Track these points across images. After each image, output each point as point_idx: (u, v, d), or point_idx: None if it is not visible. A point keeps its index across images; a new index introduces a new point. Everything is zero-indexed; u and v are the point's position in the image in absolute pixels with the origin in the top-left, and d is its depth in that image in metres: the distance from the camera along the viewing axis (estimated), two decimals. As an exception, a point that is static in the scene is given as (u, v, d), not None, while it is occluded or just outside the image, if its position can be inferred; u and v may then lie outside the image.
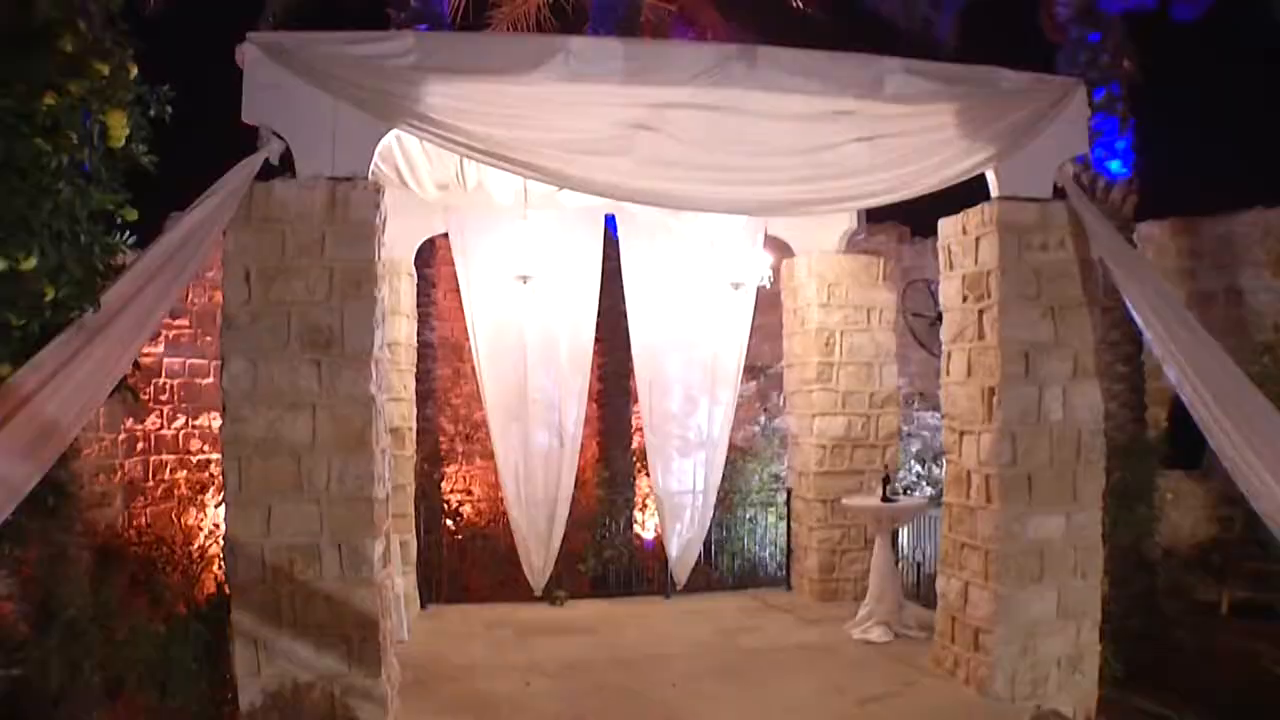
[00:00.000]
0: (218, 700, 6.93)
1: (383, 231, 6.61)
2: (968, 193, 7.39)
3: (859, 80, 6.77)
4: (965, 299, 7.43)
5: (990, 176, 7.16)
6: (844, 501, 9.26)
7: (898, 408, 10.33)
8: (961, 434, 7.49)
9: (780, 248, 10.40)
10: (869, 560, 9.13)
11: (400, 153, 7.60)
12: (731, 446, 11.58)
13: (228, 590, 6.34)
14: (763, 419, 14.05)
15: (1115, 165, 10.99)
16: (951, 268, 7.64)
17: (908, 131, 6.91)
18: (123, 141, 4.69)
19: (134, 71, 4.67)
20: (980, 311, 7.24)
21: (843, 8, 13.29)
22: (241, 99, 6.18)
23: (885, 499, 8.73)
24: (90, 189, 4.61)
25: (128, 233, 5.03)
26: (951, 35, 12.69)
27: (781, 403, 12.10)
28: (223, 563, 7.03)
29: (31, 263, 4.29)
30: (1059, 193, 7.25)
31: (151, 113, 4.85)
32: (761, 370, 13.52)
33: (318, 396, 6.22)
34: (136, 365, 5.88)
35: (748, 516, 11.91)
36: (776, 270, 10.52)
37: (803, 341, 10.19)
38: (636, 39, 7.13)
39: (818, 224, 9.77)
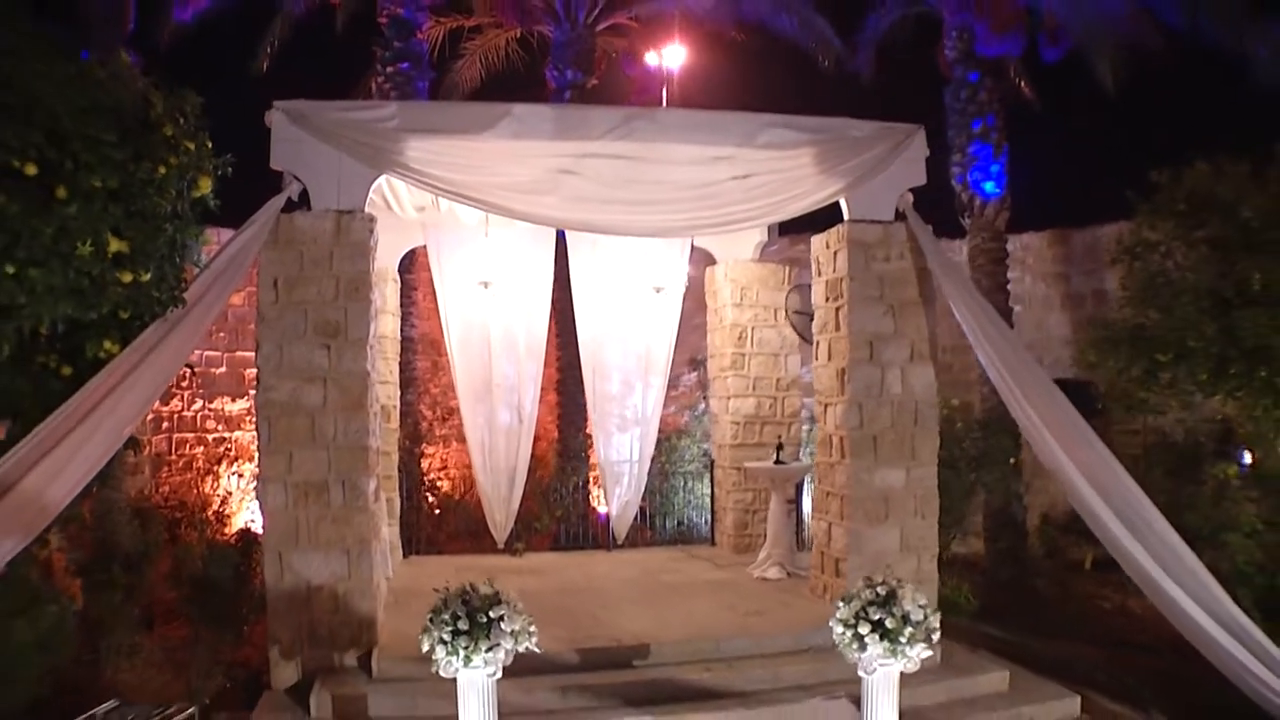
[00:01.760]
0: (245, 606, 9.54)
1: (375, 250, 9.19)
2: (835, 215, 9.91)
3: (737, 133, 9.28)
4: (827, 299, 9.99)
5: (843, 203, 9.62)
6: (745, 465, 11.88)
7: (799, 391, 12.90)
8: (826, 405, 10.05)
9: (705, 256, 12.98)
10: (771, 514, 11.73)
11: (386, 184, 10.10)
12: (671, 426, 14.18)
13: (260, 517, 8.90)
14: (702, 405, 16.63)
15: (989, 186, 13.55)
16: (819, 274, 10.19)
17: (775, 170, 9.39)
18: (202, 193, 7.27)
19: (209, 146, 7.25)
20: (837, 309, 9.77)
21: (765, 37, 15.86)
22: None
23: (777, 462, 11.30)
24: (181, 226, 7.18)
25: (200, 255, 7.60)
26: (869, 67, 15.37)
27: (709, 388, 14.71)
28: (255, 503, 9.57)
29: (147, 276, 6.85)
30: (900, 216, 9.63)
31: (219, 173, 7.42)
32: (701, 362, 15.92)
33: (327, 372, 8.71)
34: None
35: (684, 486, 14.54)
36: (699, 277, 13.09)
37: (721, 336, 12.80)
38: (564, 105, 9.48)
39: (734, 237, 12.20)
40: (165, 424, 13.92)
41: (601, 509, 15.07)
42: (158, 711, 6.62)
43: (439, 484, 15.75)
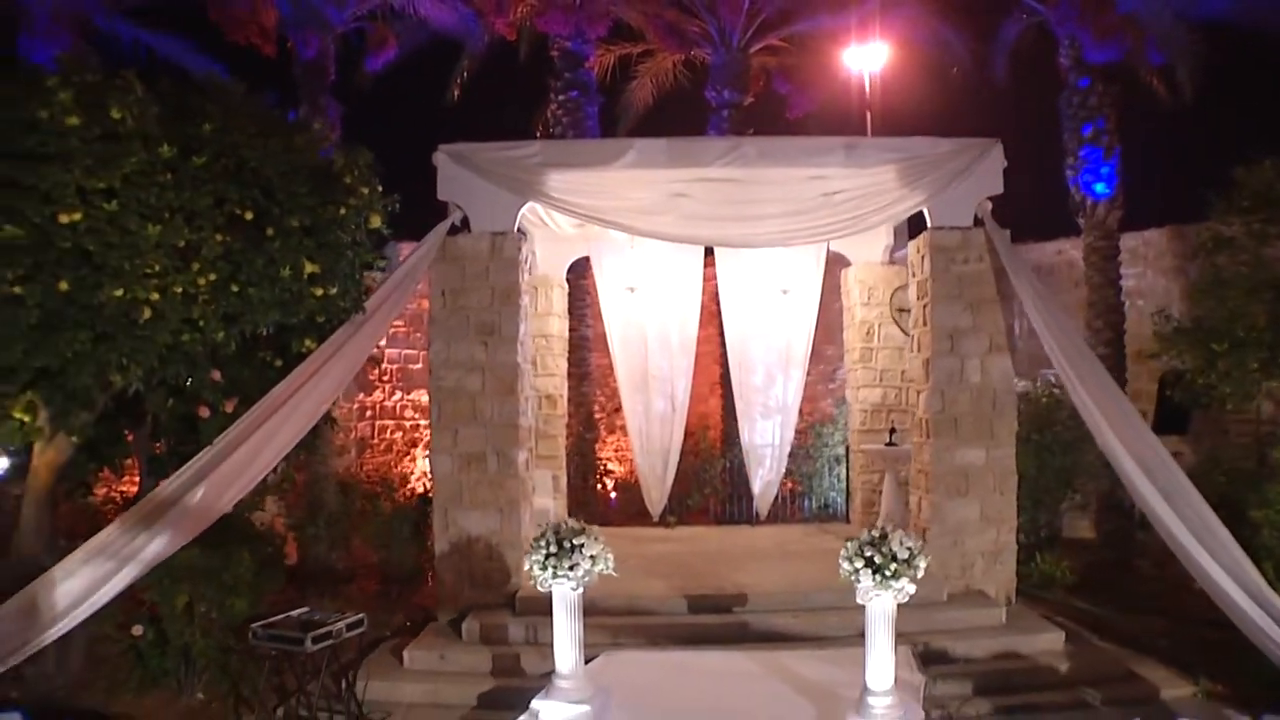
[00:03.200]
0: (419, 553, 12.12)
1: (526, 264, 11.57)
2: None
3: (825, 156, 11.19)
4: (918, 298, 11.77)
5: (926, 212, 11.35)
6: (862, 448, 13.76)
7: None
8: (917, 392, 11.83)
9: (841, 260, 14.85)
10: (894, 492, 13.53)
11: (544, 209, 12.42)
12: (820, 415, 16.19)
13: (429, 483, 11.44)
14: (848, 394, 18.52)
15: (1100, 187, 14.90)
16: (913, 276, 11.96)
17: (860, 186, 11.19)
18: (374, 226, 9.83)
19: (379, 190, 9.78)
20: (924, 307, 11.54)
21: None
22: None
23: (888, 444, 13.12)
24: (359, 251, 9.75)
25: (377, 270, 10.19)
26: (1003, 74, 16.88)
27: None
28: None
29: (334, 290, 9.42)
30: (978, 222, 11.20)
31: (388, 209, 9.95)
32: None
33: (485, 364, 11.15)
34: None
35: (828, 470, 16.48)
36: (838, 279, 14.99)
37: (851, 332, 14.66)
38: (677, 137, 11.46)
39: (865, 241, 13.95)
40: (369, 412, 16.86)
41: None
42: (337, 617, 9.08)
43: (611, 468, 18.15)
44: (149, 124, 8.07)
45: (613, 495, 17.45)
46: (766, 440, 14.94)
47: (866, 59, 17.64)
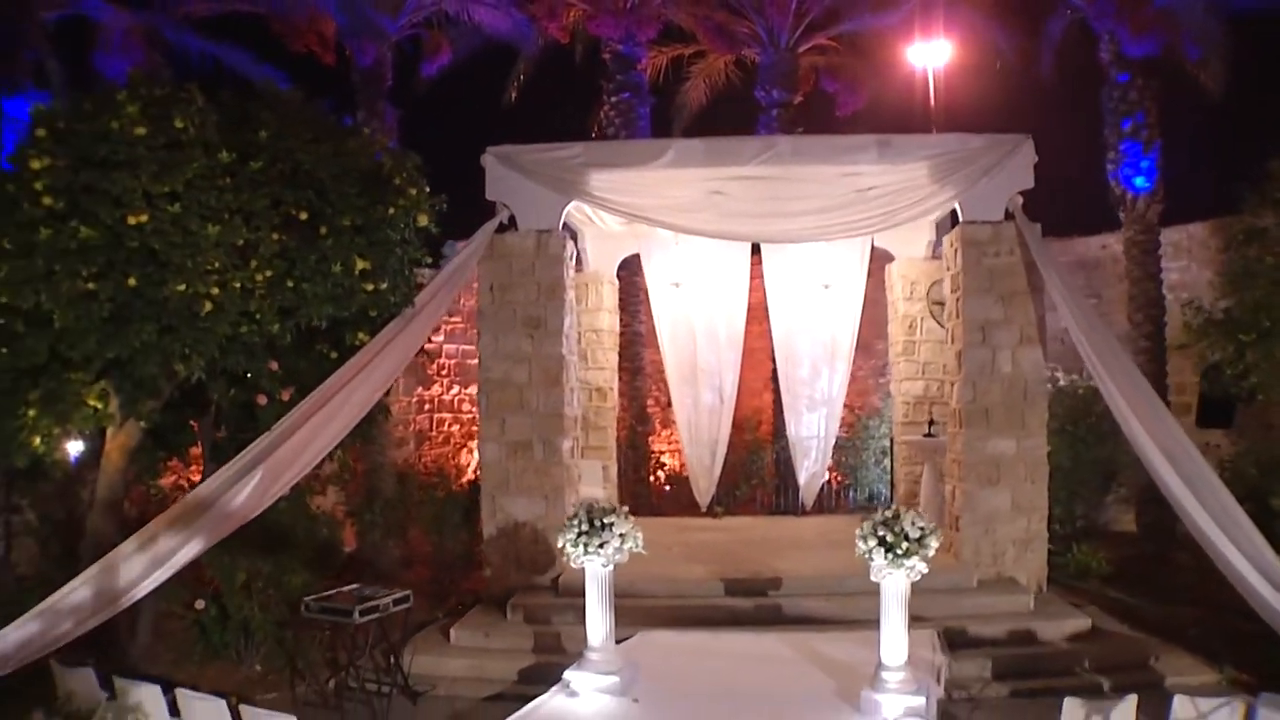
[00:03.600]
0: (469, 538, 12.77)
1: (571, 260, 12.16)
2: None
3: (858, 153, 11.61)
4: (952, 291, 12.18)
5: (958, 207, 11.73)
6: (902, 439, 14.18)
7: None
8: (952, 384, 12.24)
9: (886, 255, 15.26)
10: (933, 483, 13.93)
11: (590, 208, 12.91)
12: (867, 408, 16.66)
13: (477, 472, 12.08)
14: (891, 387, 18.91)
15: (1140, 181, 15.12)
16: (948, 269, 12.36)
17: (893, 183, 11.64)
18: (422, 225, 10.49)
19: (426, 191, 10.43)
20: (956, 299, 11.93)
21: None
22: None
23: (927, 435, 13.54)
24: (408, 248, 10.42)
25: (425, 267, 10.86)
26: (1050, 70, 17.16)
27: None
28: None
29: (385, 285, 10.08)
30: (1009, 216, 11.51)
31: (436, 209, 10.60)
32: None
33: (531, 356, 11.76)
34: (422, 350, 11.77)
35: (874, 462, 16.90)
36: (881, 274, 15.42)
37: (895, 326, 15.09)
38: (714, 137, 11.95)
39: (908, 236, 14.37)
40: (427, 406, 17.56)
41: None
42: (384, 593, 9.74)
43: (665, 460, 18.71)
44: (209, 132, 8.85)
45: (666, 487, 17.97)
46: (812, 432, 15.39)
47: (929, 55, 17.95)
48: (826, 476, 15.80)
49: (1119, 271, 16.87)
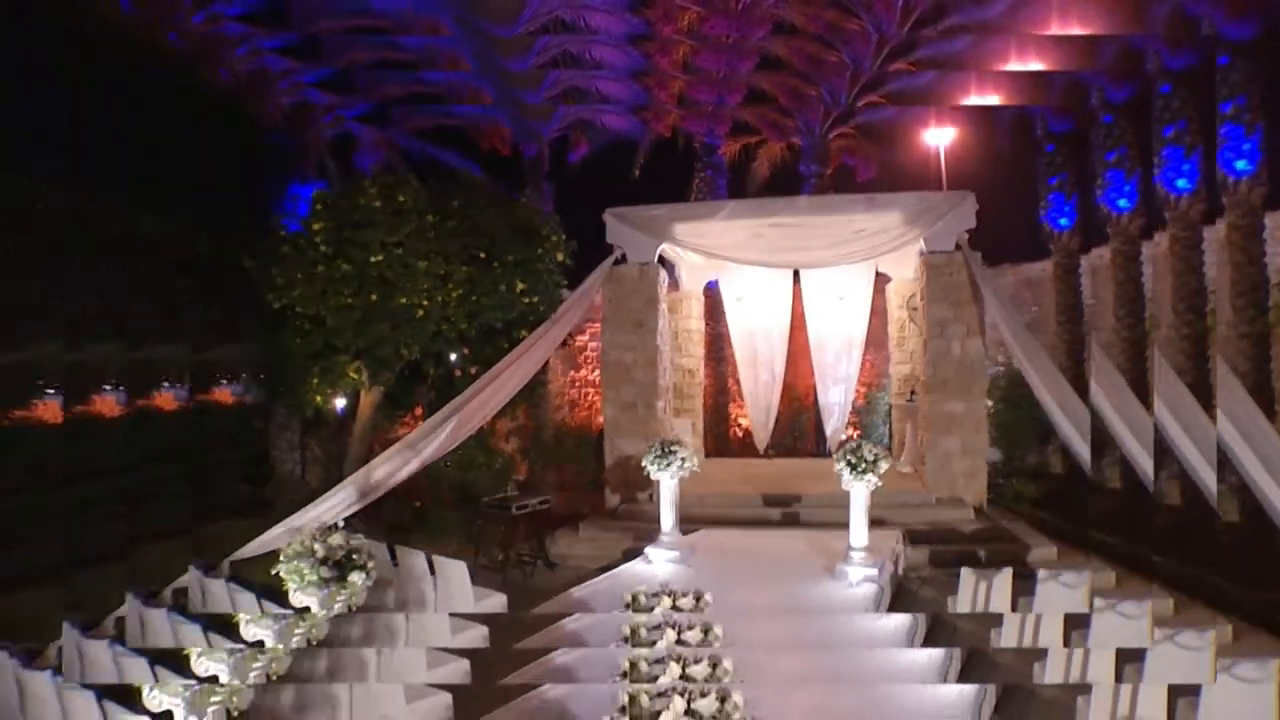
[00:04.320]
0: (597, 469, 13.64)
1: (664, 283, 12.95)
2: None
3: (853, 206, 12.21)
4: (920, 299, 12.62)
5: (923, 242, 12.18)
6: (895, 403, 14.56)
7: (940, 359, 15.25)
8: (922, 363, 12.68)
9: (884, 277, 15.61)
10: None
11: (677, 248, 13.77)
12: (878, 384, 17.04)
13: (602, 423, 13.00)
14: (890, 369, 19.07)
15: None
16: (919, 285, 12.83)
17: (876, 226, 12.18)
18: (561, 260, 11.44)
19: (563, 238, 11.38)
20: (923, 305, 12.38)
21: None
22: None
23: (908, 401, 13.93)
24: (552, 275, 11.38)
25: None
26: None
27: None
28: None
29: (536, 299, 11.06)
30: (958, 247, 11.92)
31: (571, 250, 11.55)
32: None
33: (635, 345, 12.56)
34: (565, 343, 12.70)
35: (880, 421, 17.25)
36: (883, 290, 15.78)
37: (891, 326, 15.39)
38: (758, 199, 12.64)
39: (902, 262, 14.50)
40: (576, 383, 18.56)
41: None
42: (535, 498, 10.71)
43: (741, 421, 19.30)
44: (421, 203, 9.98)
45: (739, 436, 18.52)
46: (835, 400, 15.80)
47: (939, 136, 18.20)
48: (846, 431, 16.21)
49: (1052, 288, 16.66)
